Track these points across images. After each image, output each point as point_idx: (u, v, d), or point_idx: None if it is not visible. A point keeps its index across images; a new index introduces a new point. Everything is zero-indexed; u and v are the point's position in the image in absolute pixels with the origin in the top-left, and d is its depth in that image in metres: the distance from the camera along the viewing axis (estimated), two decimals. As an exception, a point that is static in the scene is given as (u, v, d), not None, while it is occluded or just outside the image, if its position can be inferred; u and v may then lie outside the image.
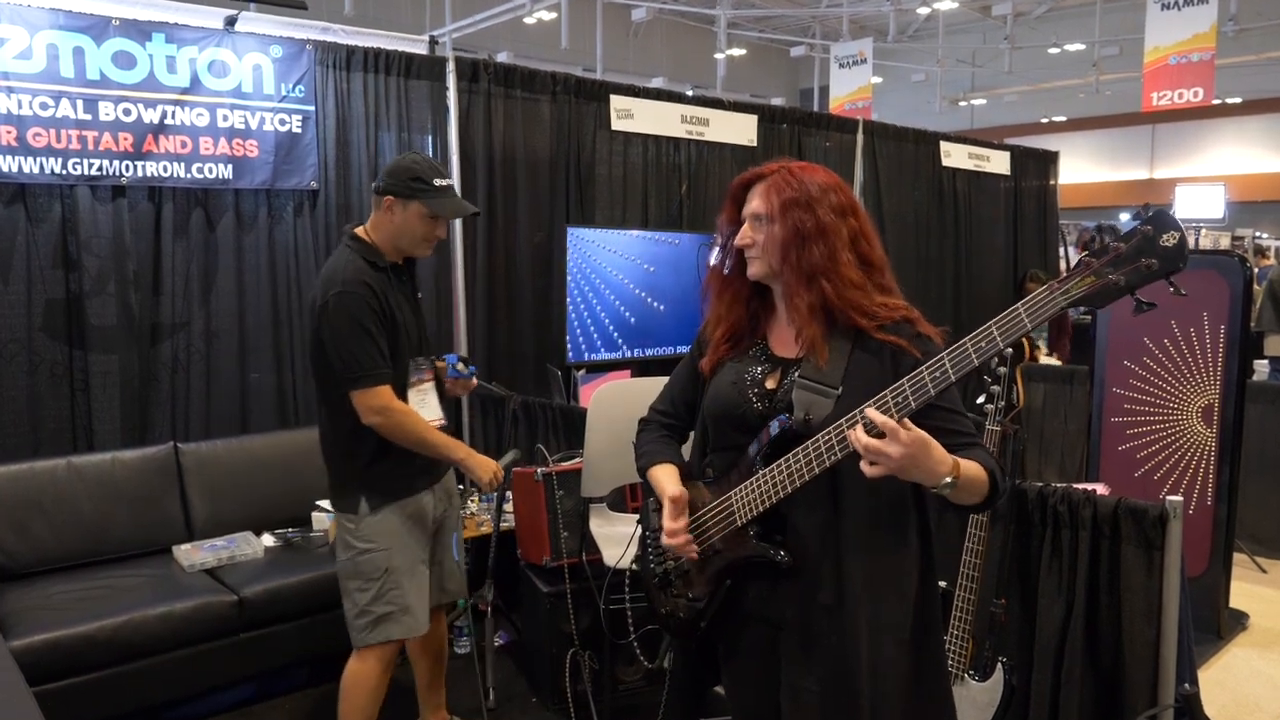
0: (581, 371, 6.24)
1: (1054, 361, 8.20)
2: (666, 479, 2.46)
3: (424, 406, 3.62)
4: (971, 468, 2.10)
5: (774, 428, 2.23)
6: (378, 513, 3.50)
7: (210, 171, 5.02)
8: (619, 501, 4.61)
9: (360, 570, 3.52)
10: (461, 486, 4.15)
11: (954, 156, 9.47)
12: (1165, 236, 1.80)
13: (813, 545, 2.25)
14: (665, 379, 2.73)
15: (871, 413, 1.99)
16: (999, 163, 10.04)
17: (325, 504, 5.03)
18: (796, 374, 2.28)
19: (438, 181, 3.47)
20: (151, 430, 5.03)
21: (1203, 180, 16.31)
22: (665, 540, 2.35)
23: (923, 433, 1.99)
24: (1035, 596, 3.35)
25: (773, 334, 2.42)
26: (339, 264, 3.45)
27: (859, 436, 1.99)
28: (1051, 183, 10.81)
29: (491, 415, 3.88)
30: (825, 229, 2.25)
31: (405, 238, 3.49)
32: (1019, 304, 1.90)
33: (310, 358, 3.55)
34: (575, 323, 6.23)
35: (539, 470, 4.38)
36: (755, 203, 2.32)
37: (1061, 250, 11.09)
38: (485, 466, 3.61)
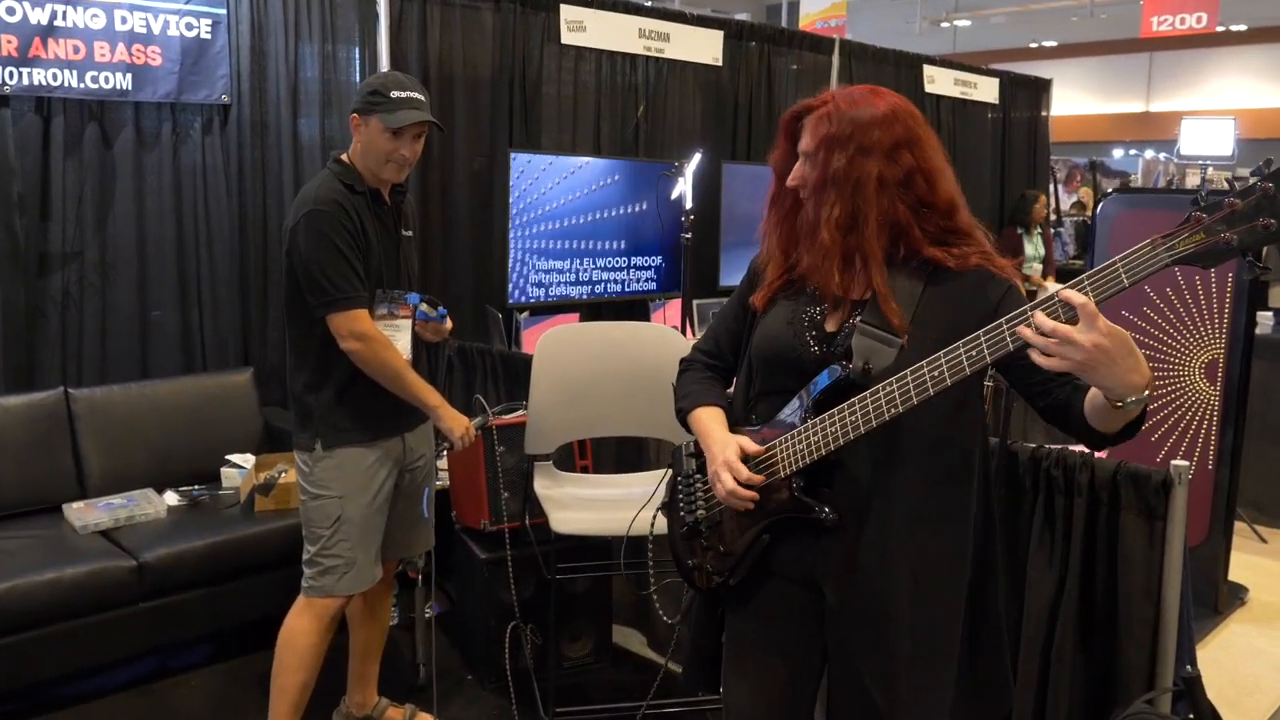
0: (524, 314, 6.20)
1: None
2: (713, 423, 2.47)
3: (395, 342, 3.65)
4: None
5: (828, 375, 2.23)
6: (332, 455, 3.57)
7: (106, 81, 4.89)
8: (567, 459, 4.58)
9: (311, 517, 3.63)
10: None
11: (938, 82, 9.45)
12: None
13: (860, 503, 2.26)
14: (619, 323, 2.71)
15: (1068, 294, 1.89)
16: (986, 90, 10.03)
17: (236, 458, 4.99)
18: (859, 318, 2.27)
19: (395, 93, 3.49)
20: (39, 373, 4.93)
21: (1208, 114, 16.40)
22: (724, 491, 2.32)
23: (1124, 331, 1.90)
24: (1024, 569, 3.35)
25: None
26: (314, 184, 3.55)
27: (1042, 320, 1.89)
28: (1043, 113, 10.82)
29: (422, 363, 3.83)
30: (855, 170, 2.21)
31: (372, 158, 3.53)
32: (1116, 259, 1.86)
33: (283, 286, 3.62)
34: (518, 259, 6.16)
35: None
36: (805, 138, 2.30)
37: (1051, 188, 11.12)
38: (459, 421, 3.69)
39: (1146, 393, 1.93)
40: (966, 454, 2.28)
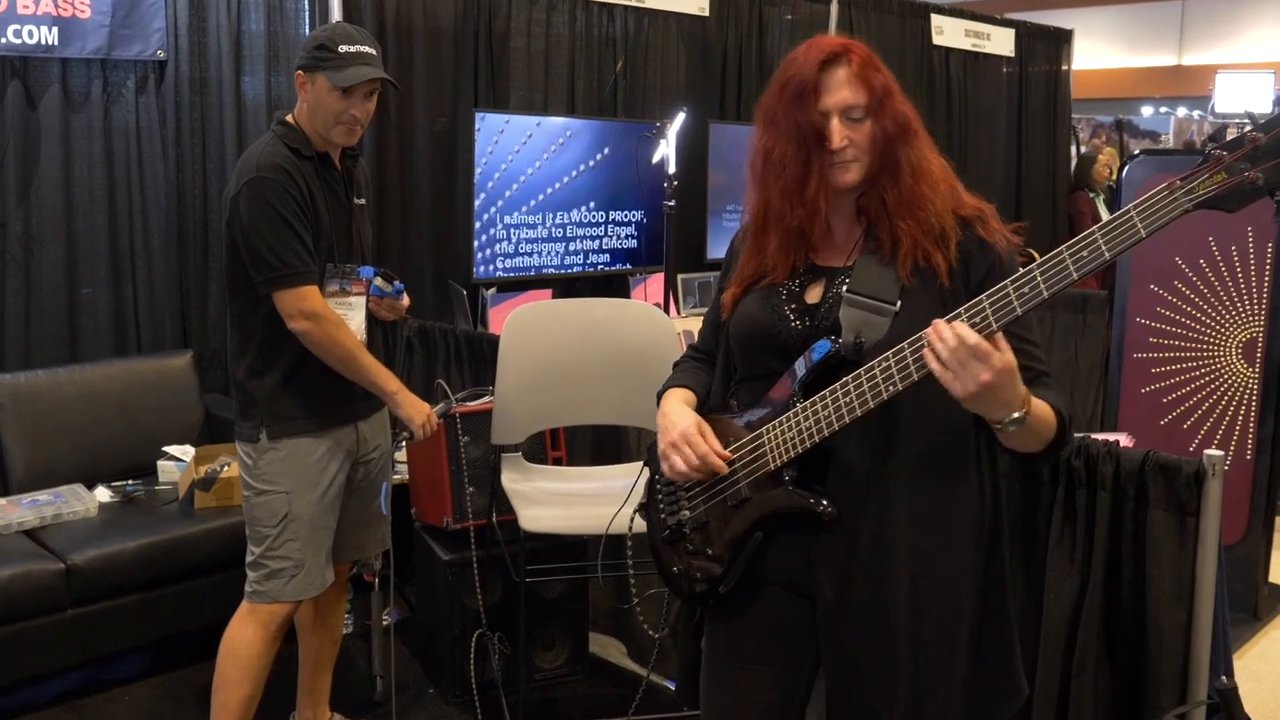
0: (492, 290, 6.17)
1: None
2: (670, 401, 2.49)
3: (348, 322, 3.64)
4: (1041, 407, 2.09)
5: (818, 352, 2.21)
6: (279, 446, 3.56)
7: (30, 36, 4.85)
8: (538, 450, 4.56)
9: (255, 515, 3.62)
10: None
11: (947, 34, 9.41)
12: None
13: (856, 495, 2.24)
14: (596, 300, 2.69)
15: (962, 329, 1.95)
16: (1001, 42, 9.99)
17: (174, 450, 4.97)
18: (844, 288, 2.25)
19: (343, 48, 3.47)
20: (-44, 358, 4.90)
21: (1246, 67, 16.35)
22: (679, 462, 2.32)
23: (1014, 362, 1.97)
24: (1043, 570, 3.34)
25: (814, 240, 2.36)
26: (257, 148, 3.54)
27: (945, 335, 1.96)
28: (1064, 67, 10.77)
29: (377, 344, 3.84)
30: (913, 117, 2.27)
31: (319, 119, 3.52)
32: (1130, 206, 1.85)
33: (224, 261, 3.60)
34: (484, 230, 6.12)
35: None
36: (844, 93, 2.23)
37: (1073, 150, 11.08)
38: (419, 408, 3.69)
39: (1021, 413, 2.01)
40: (966, 438, 2.26)
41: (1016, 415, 2.00)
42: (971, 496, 2.29)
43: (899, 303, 2.18)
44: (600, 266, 6.70)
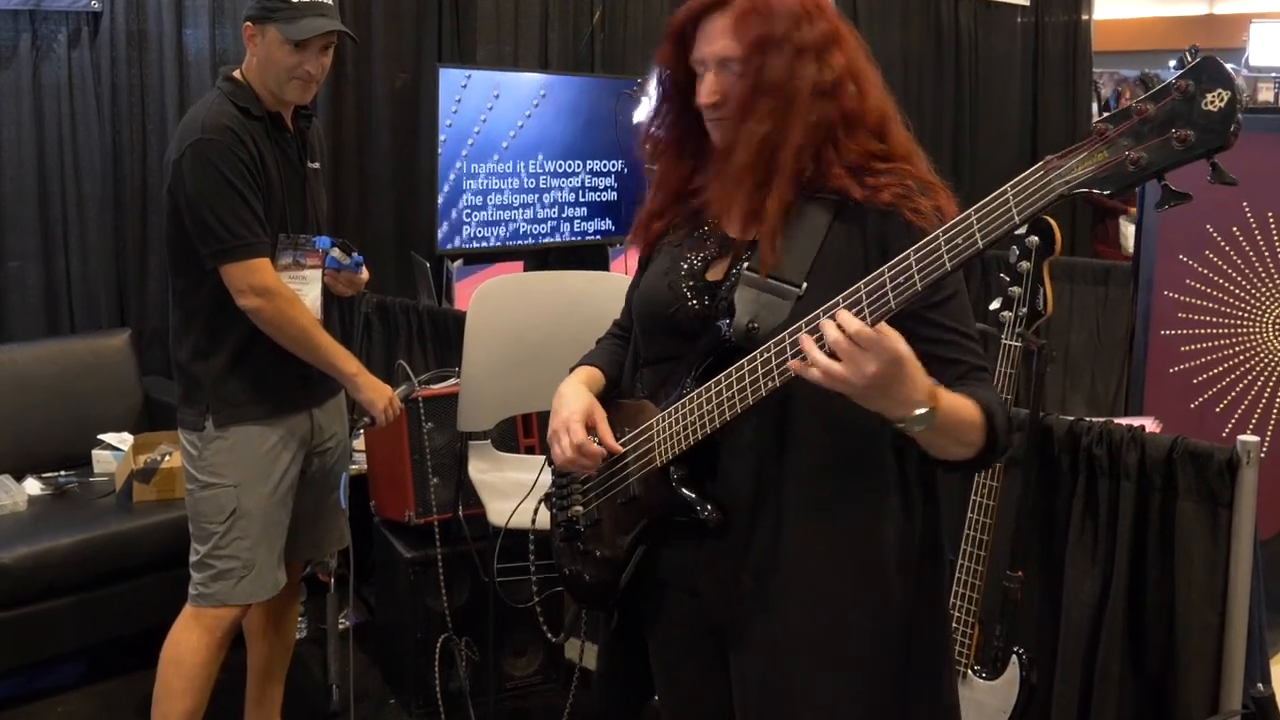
0: (458, 263, 6.16)
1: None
2: (569, 382, 2.48)
3: (302, 297, 3.63)
4: (958, 404, 1.97)
5: (712, 336, 2.17)
6: (226, 434, 3.54)
7: (-52, -16, 4.83)
8: (508, 437, 4.54)
9: (200, 510, 3.59)
10: None
11: (957, -20, 9.42)
12: (1210, 97, 1.63)
13: (742, 500, 2.16)
14: (571, 273, 2.67)
15: (842, 317, 1.84)
16: (1016, -10, 10.01)
17: (110, 439, 4.96)
18: (745, 265, 2.17)
19: None
20: (-127, 337, 4.89)
21: (1283, 16, 16.33)
22: (560, 458, 2.32)
23: (906, 350, 1.84)
24: (1062, 568, 3.34)
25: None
26: (201, 108, 3.53)
27: (824, 329, 1.85)
28: (1084, 17, 10.78)
29: (334, 321, 3.84)
30: (794, 77, 2.10)
31: (270, 75, 3.50)
32: (1008, 186, 1.75)
33: (166, 232, 3.59)
34: (450, 197, 6.12)
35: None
36: (721, 42, 2.14)
37: (1095, 107, 11.08)
38: (380, 391, 3.69)
39: (926, 410, 1.88)
40: (879, 443, 2.15)
41: (920, 413, 1.87)
42: (890, 511, 2.17)
43: (804, 285, 2.09)
44: (578, 222, 6.71)
